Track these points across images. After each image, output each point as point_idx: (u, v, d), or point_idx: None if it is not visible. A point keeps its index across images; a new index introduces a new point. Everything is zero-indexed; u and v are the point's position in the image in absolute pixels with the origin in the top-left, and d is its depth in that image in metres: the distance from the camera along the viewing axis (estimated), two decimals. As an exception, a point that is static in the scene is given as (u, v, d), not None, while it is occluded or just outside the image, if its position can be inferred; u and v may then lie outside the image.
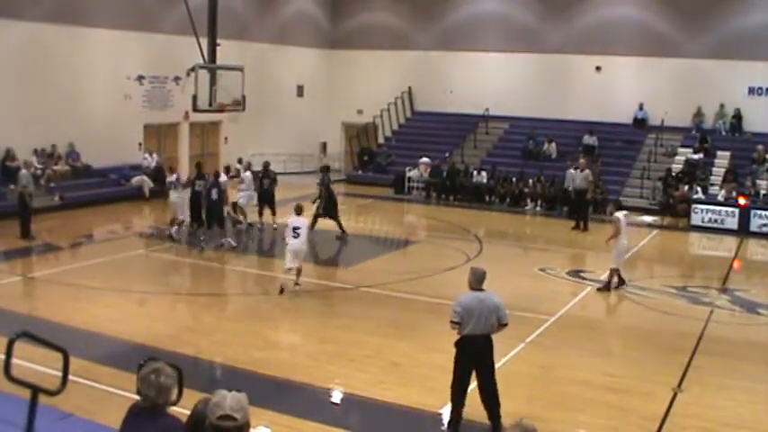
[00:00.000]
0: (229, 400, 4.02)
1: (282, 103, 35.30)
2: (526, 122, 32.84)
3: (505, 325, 9.50)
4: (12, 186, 23.47)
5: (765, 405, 11.12)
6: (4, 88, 23.71)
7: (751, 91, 30.04)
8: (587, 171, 24.96)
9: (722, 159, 28.93)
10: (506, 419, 9.26)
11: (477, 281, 9.58)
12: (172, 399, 5.03)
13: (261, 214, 22.58)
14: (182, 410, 5.07)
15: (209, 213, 20.15)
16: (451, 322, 9.50)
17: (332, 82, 37.97)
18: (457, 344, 9.55)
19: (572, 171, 25.86)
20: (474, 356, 9.52)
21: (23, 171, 20.72)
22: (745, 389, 11.56)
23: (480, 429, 9.75)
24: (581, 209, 24.88)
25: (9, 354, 5.31)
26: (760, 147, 28.21)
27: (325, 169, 23.05)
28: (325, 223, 23.55)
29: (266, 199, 22.55)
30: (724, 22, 30.10)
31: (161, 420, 4.92)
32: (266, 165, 23.25)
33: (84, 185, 25.52)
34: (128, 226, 23.90)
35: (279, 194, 29.86)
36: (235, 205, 22.40)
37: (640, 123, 31.84)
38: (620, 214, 17.18)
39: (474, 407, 10.35)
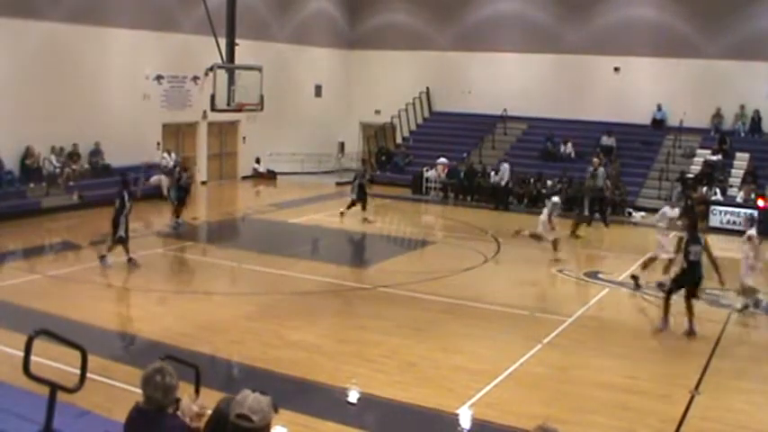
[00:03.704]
0: (250, 401, 4.01)
1: (300, 102, 35.37)
2: (544, 123, 32.74)
3: None
4: (31, 185, 23.76)
5: (784, 408, 11.06)
6: (24, 87, 23.87)
7: (771, 92, 29.86)
8: (601, 169, 25.25)
9: (741, 161, 28.74)
10: (527, 422, 9.24)
11: None
12: (175, 398, 5.02)
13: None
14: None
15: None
16: None
17: (350, 82, 38.04)
18: None
19: (591, 169, 26.01)
20: None
21: None
22: (764, 392, 11.50)
23: (493, 430, 9.74)
24: (596, 206, 25.25)
25: (28, 351, 5.37)
26: (780, 148, 28.04)
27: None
28: (339, 222, 23.62)
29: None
30: (743, 22, 29.89)
31: (166, 421, 4.90)
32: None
33: (102, 184, 25.61)
34: (146, 225, 23.97)
35: (295, 194, 30.11)
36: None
37: (659, 124, 31.71)
38: None
39: (494, 407, 10.35)
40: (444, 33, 36.06)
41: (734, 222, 25.05)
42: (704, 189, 27.21)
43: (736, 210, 25.29)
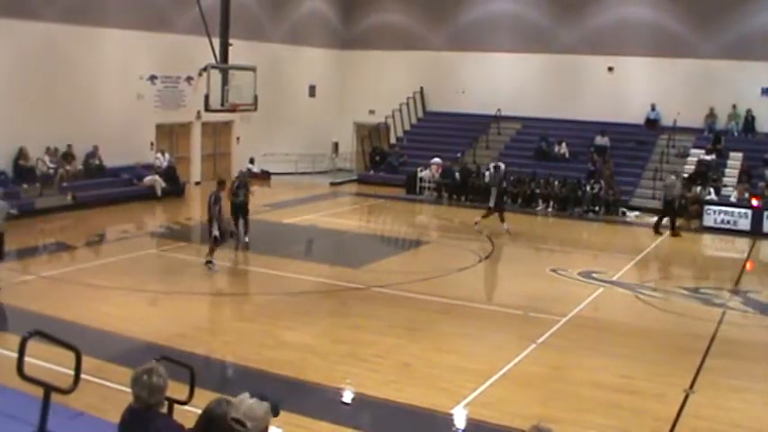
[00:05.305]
0: (245, 406, 3.99)
1: (294, 103, 35.34)
2: (538, 123, 32.76)
3: None
4: (24, 186, 23.66)
5: (778, 407, 11.07)
6: (18, 88, 23.79)
7: (764, 92, 29.88)
8: (673, 178, 25.26)
9: (735, 160, 28.80)
10: (522, 421, 9.25)
11: None
12: (164, 398, 5.03)
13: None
14: (192, 409, 5.10)
15: None
16: None
17: (344, 82, 38.00)
18: None
19: (673, 178, 25.43)
20: None
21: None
22: (758, 391, 11.52)
23: (488, 430, 9.75)
24: (669, 214, 24.75)
25: (22, 352, 5.35)
26: (773, 147, 28.07)
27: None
28: (334, 222, 23.59)
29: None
30: (737, 22, 29.96)
31: (154, 422, 4.91)
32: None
33: (96, 185, 25.60)
34: (140, 225, 23.97)
35: (289, 194, 30.05)
36: None
37: (653, 124, 31.74)
38: None
39: (489, 407, 10.34)
40: (438, 33, 36.05)
41: (728, 222, 25.10)
42: (698, 189, 27.25)
43: (731, 209, 25.33)
